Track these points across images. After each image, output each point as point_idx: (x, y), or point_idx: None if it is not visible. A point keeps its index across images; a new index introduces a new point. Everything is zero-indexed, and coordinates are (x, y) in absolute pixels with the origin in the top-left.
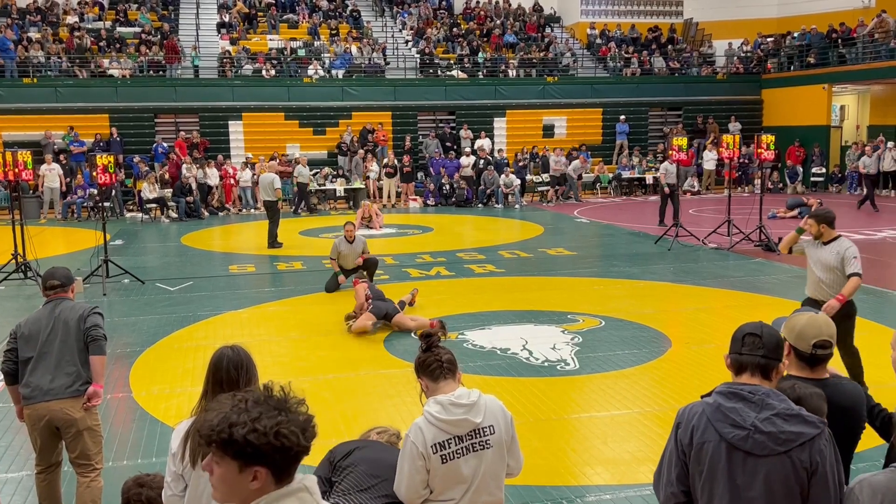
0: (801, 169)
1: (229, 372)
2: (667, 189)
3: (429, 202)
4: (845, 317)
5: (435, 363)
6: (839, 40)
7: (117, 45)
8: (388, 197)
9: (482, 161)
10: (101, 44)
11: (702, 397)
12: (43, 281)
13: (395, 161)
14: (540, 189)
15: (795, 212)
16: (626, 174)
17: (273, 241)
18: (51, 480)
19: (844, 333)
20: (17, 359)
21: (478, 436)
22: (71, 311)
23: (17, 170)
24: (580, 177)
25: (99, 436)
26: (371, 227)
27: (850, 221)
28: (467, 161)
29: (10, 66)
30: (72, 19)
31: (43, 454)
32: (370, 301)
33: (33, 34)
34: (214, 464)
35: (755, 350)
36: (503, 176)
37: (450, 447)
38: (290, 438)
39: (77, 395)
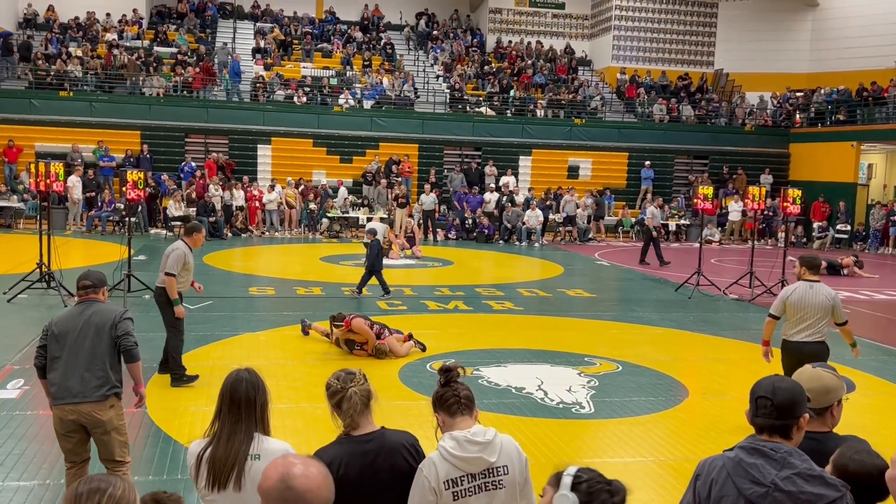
0: (827, 224)
1: (248, 392)
2: (654, 233)
3: (450, 236)
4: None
5: (453, 398)
6: (870, 98)
7: (154, 65)
8: (400, 228)
9: (504, 198)
10: (138, 62)
11: (724, 452)
12: (77, 281)
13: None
14: (560, 230)
15: (823, 265)
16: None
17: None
18: (81, 474)
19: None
20: (47, 355)
21: (491, 475)
22: (101, 316)
23: (48, 181)
24: (590, 219)
25: (125, 434)
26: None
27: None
28: (490, 197)
29: (238, 88)
30: (111, 36)
31: (71, 454)
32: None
33: (73, 49)
34: None
35: (768, 415)
36: (529, 210)
37: (462, 484)
38: None
39: (104, 398)
